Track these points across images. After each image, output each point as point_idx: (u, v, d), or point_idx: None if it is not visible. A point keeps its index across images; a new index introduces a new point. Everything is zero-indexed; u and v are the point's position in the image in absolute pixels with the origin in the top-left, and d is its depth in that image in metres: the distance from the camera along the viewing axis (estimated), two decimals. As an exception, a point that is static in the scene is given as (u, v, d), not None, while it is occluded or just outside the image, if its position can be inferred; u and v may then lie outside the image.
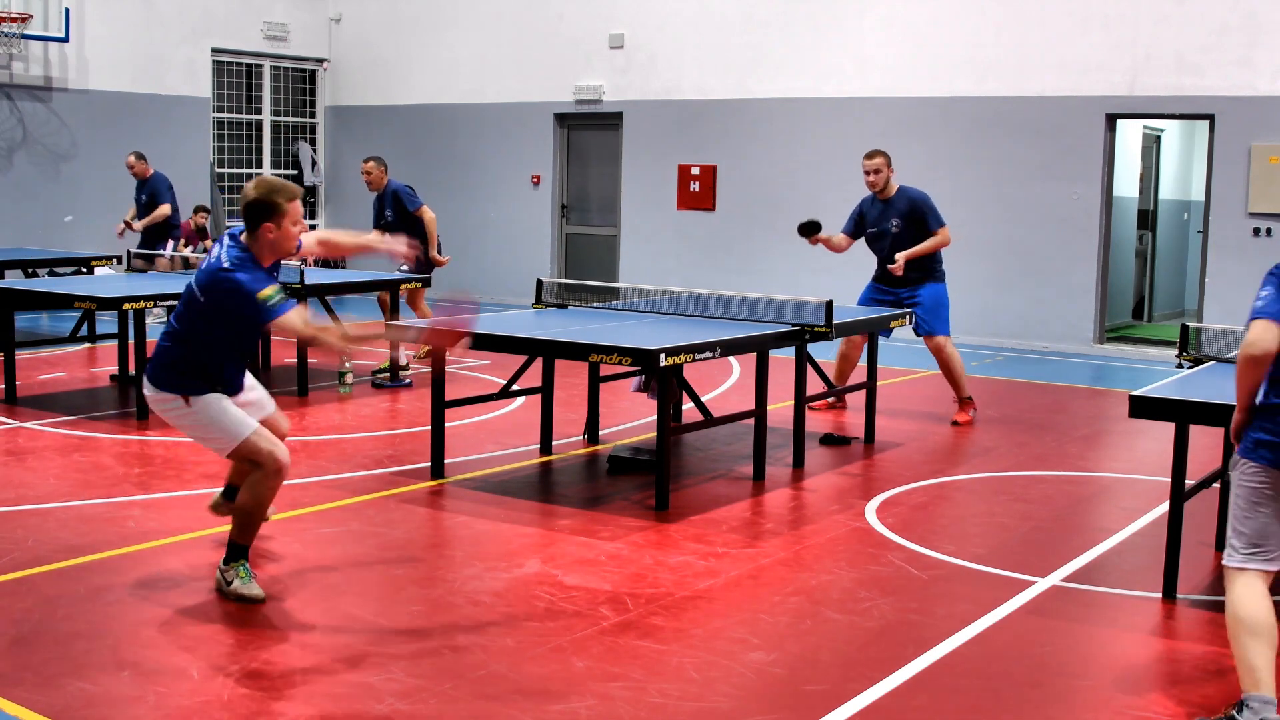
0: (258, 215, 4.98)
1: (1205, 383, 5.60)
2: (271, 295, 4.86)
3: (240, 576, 5.06)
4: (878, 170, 9.02)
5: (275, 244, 5.02)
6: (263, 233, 4.99)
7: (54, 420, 8.41)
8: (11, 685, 4.15)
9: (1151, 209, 16.78)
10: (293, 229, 5.04)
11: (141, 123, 16.17)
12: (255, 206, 4.98)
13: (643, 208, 15.99)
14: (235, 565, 5.09)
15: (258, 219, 4.98)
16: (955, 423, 9.06)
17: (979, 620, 4.98)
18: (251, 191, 5.00)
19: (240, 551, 5.11)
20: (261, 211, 4.98)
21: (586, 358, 6.54)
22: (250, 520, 5.10)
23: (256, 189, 5.00)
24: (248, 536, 5.13)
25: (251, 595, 5.02)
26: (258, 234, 5.00)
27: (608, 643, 4.65)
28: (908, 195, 9.04)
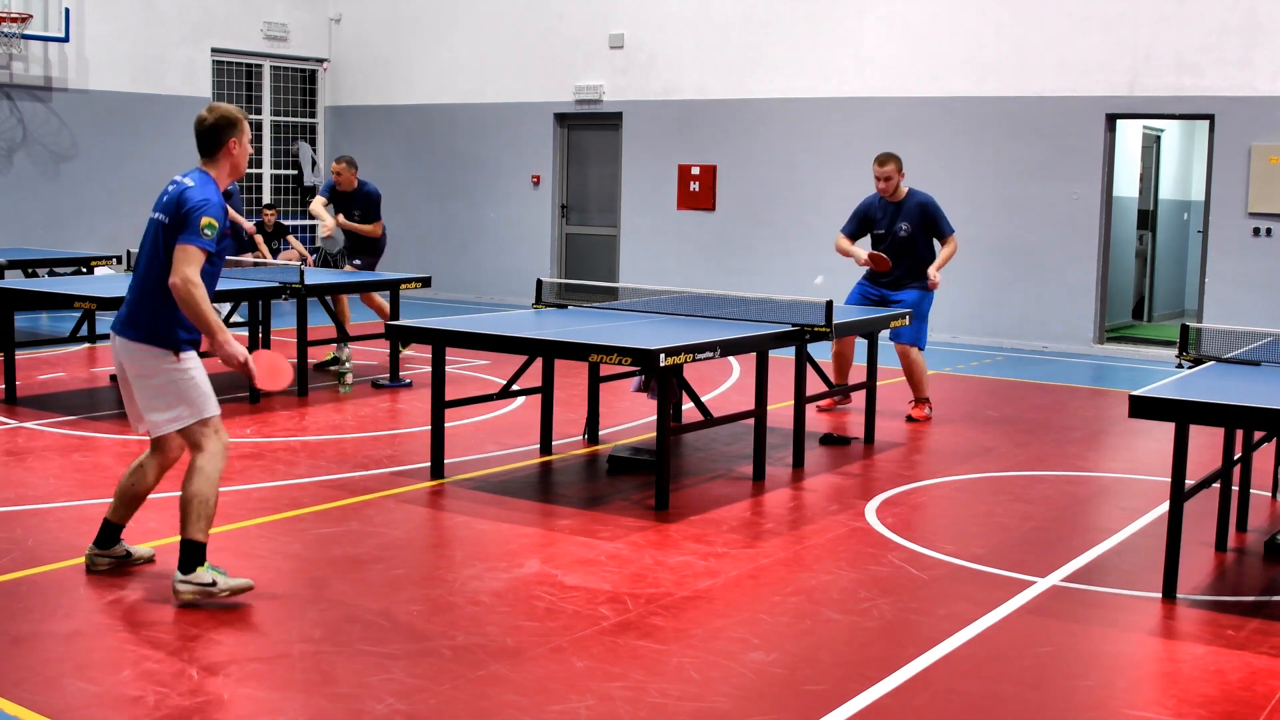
0: (222, 133, 5.10)
1: (1205, 383, 5.60)
2: (204, 229, 4.89)
3: (218, 574, 4.91)
4: (889, 178, 8.96)
5: (238, 160, 5.16)
6: (229, 149, 5.11)
7: (54, 420, 8.41)
8: (13, 685, 4.15)
9: (1151, 209, 16.78)
10: (247, 148, 5.20)
11: (141, 123, 16.18)
12: (219, 126, 5.09)
13: (643, 208, 15.99)
14: (203, 568, 4.90)
15: (223, 136, 5.10)
16: (910, 418, 9.06)
17: (979, 620, 4.98)
18: (209, 115, 5.11)
19: (200, 551, 4.91)
20: (226, 129, 5.10)
21: (586, 358, 6.54)
22: (209, 510, 4.92)
23: (213, 112, 5.12)
24: (205, 531, 4.92)
25: (243, 585, 4.94)
26: (222, 151, 5.11)
27: (607, 643, 4.65)
28: (918, 200, 9.02)
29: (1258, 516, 6.61)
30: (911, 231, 8.96)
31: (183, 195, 4.98)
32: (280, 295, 9.61)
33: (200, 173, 5.11)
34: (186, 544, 4.91)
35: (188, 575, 4.89)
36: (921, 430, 8.85)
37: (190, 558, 4.90)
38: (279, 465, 7.30)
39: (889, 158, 9.01)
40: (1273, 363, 6.18)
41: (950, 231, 9.02)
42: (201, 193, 4.97)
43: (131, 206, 16.06)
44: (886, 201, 9.06)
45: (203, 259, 4.90)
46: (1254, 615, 5.17)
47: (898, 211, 9.01)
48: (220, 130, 5.10)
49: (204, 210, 4.92)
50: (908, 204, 9.01)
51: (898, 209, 9.02)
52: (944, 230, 9.00)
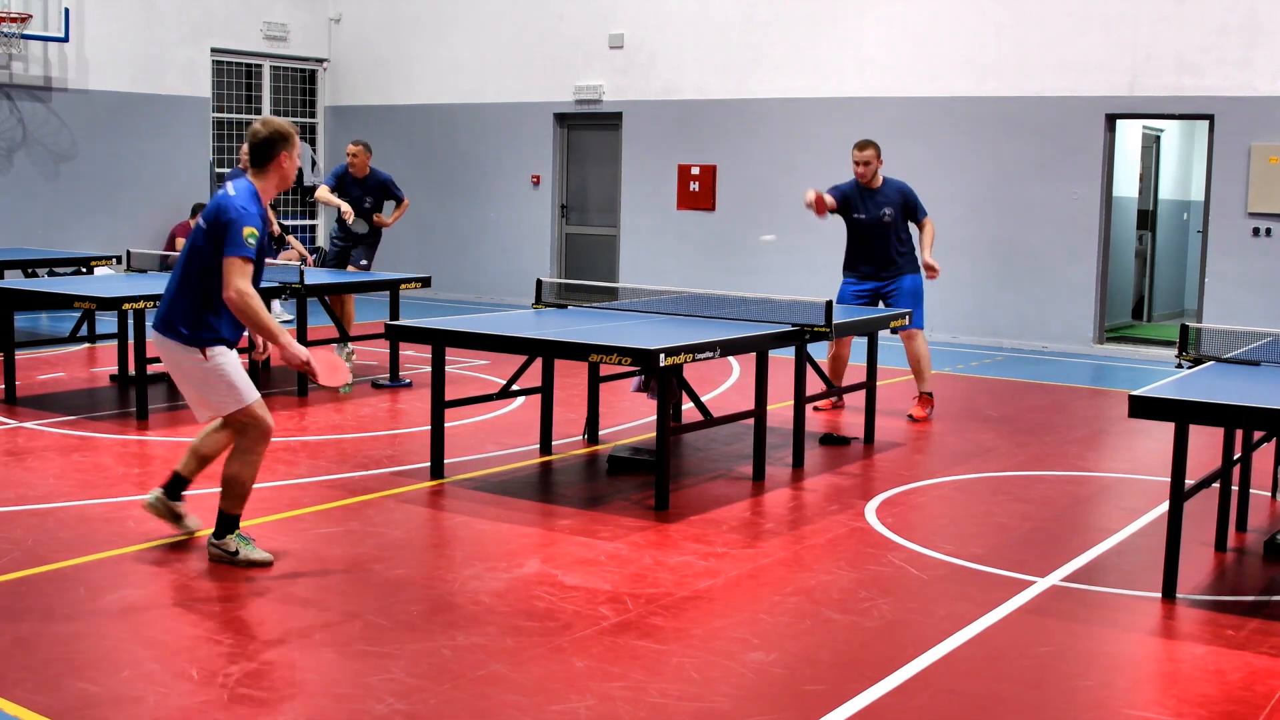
0: (274, 146, 5.35)
1: (1205, 383, 5.60)
2: (247, 239, 5.16)
3: (243, 544, 5.37)
4: (867, 162, 9.11)
5: (287, 173, 5.41)
6: (279, 162, 5.37)
7: (54, 420, 8.41)
8: (12, 686, 4.15)
9: (1151, 209, 16.79)
10: (296, 161, 5.46)
11: (141, 123, 16.18)
12: (271, 139, 5.35)
13: (642, 208, 15.99)
14: (232, 536, 5.37)
15: (274, 150, 5.35)
16: (915, 418, 9.07)
17: (978, 620, 4.98)
18: (263, 129, 5.36)
19: (233, 523, 5.38)
20: (278, 143, 5.35)
21: (586, 358, 6.54)
22: (244, 490, 5.38)
23: (267, 126, 5.37)
24: (240, 506, 5.40)
25: (260, 559, 5.35)
26: (272, 165, 5.37)
27: (607, 643, 4.65)
28: (896, 186, 9.21)
29: (1257, 516, 6.61)
30: (894, 216, 9.11)
31: (223, 205, 5.23)
32: (280, 295, 9.61)
33: (246, 182, 5.35)
34: (221, 514, 5.39)
35: (218, 540, 5.38)
36: (921, 430, 8.86)
37: (222, 526, 5.39)
38: (279, 465, 7.30)
39: (869, 143, 9.17)
40: (1272, 363, 6.18)
41: (925, 214, 9.27)
42: (242, 201, 5.22)
43: (131, 207, 16.09)
44: (864, 189, 9.14)
45: (250, 269, 5.19)
46: (1254, 615, 5.17)
47: (877, 197, 9.13)
48: (273, 144, 5.35)
49: (244, 220, 5.18)
50: (887, 190, 9.16)
51: (876, 195, 9.14)
52: (920, 215, 9.22)
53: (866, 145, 9.14)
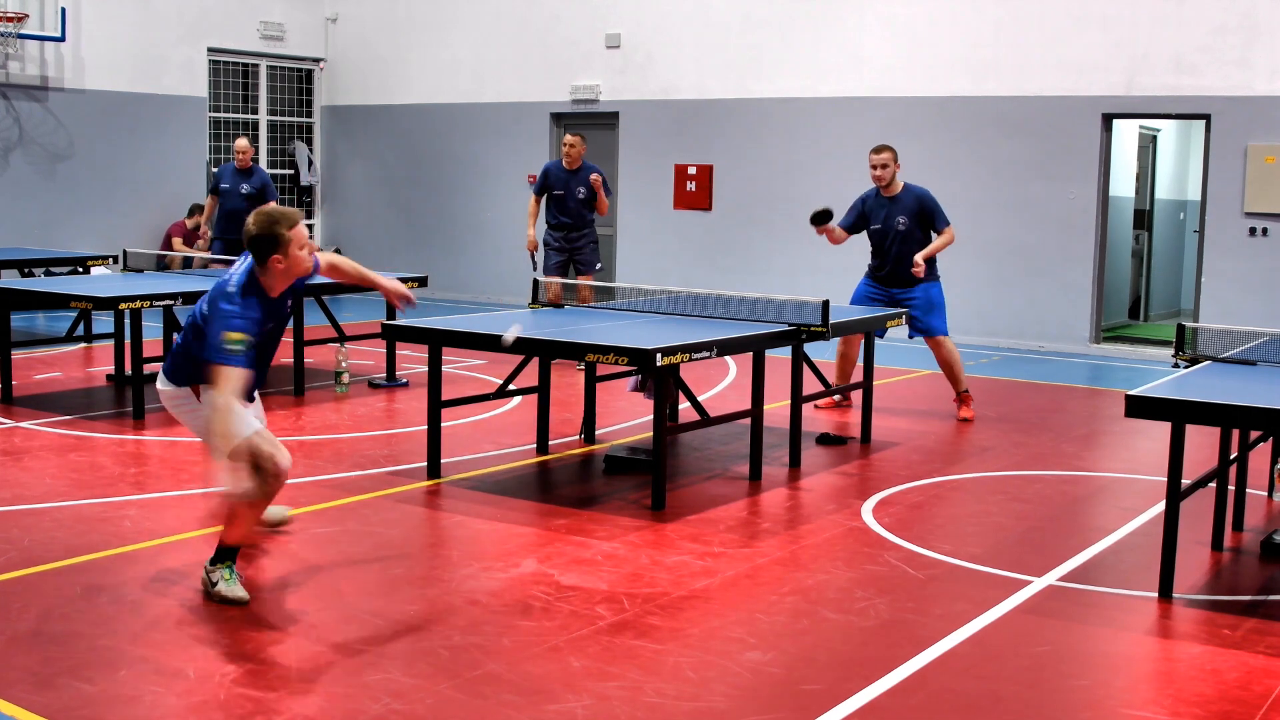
0: (264, 249, 5.00)
1: (1202, 382, 5.61)
2: (235, 342, 4.81)
3: (225, 578, 5.02)
4: (885, 165, 9.00)
5: (287, 272, 5.06)
6: (272, 264, 5.02)
7: (50, 420, 8.40)
8: (8, 685, 4.14)
9: (1148, 209, 16.80)
10: (300, 253, 5.04)
11: (138, 122, 16.16)
12: (259, 241, 4.99)
13: (639, 207, 15.99)
14: (222, 566, 5.04)
15: (265, 252, 5.01)
16: (965, 419, 9.09)
17: (975, 620, 4.99)
18: (253, 227, 5.00)
19: (228, 553, 5.06)
20: (267, 244, 4.99)
21: (583, 357, 6.54)
22: (245, 524, 5.06)
23: (257, 223, 5.00)
24: (238, 538, 5.08)
25: (235, 597, 4.97)
26: (267, 266, 5.03)
27: (604, 642, 4.65)
28: (914, 193, 9.04)
29: (1254, 516, 6.62)
30: (909, 225, 8.97)
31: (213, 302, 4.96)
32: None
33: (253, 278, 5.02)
34: (220, 544, 5.08)
35: (210, 566, 5.08)
36: (919, 430, 8.86)
37: (218, 553, 5.08)
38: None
39: (884, 147, 9.08)
40: (1269, 362, 6.19)
41: (947, 224, 9.05)
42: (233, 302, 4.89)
43: (128, 206, 16.08)
44: (882, 197, 9.06)
45: (237, 376, 4.79)
46: (1250, 615, 5.17)
47: (894, 205, 9.01)
48: (262, 246, 5.00)
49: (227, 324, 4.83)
50: (904, 198, 9.03)
51: (893, 203, 9.02)
52: (940, 223, 9.02)
53: (882, 149, 9.03)
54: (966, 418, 9.13)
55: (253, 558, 5.54)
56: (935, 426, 9.00)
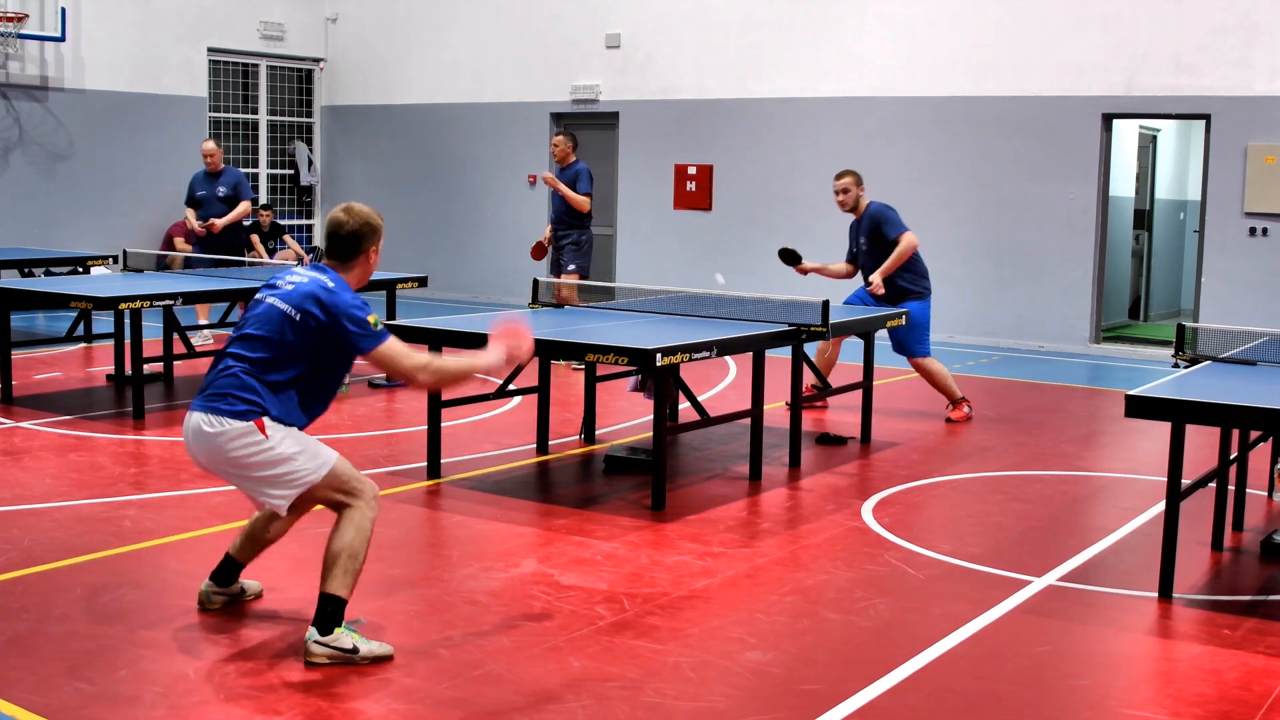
0: (363, 240, 4.67)
1: (1201, 382, 5.61)
2: (376, 322, 4.51)
3: (358, 639, 4.39)
4: (845, 190, 8.99)
5: (370, 268, 4.75)
6: (365, 258, 4.69)
7: (50, 420, 8.40)
8: (8, 685, 4.14)
9: (1148, 209, 16.80)
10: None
11: (138, 122, 16.16)
12: (361, 232, 4.66)
13: (639, 207, 15.99)
14: (341, 631, 4.37)
15: (363, 243, 4.67)
16: (950, 419, 9.09)
17: (975, 620, 4.98)
18: (351, 219, 4.65)
19: (341, 609, 4.39)
20: (368, 236, 4.68)
21: (583, 357, 6.54)
22: (356, 565, 4.43)
23: (354, 216, 4.67)
24: (351, 587, 4.43)
25: (384, 653, 4.42)
26: (359, 259, 4.68)
27: (604, 642, 4.65)
28: (869, 212, 9.00)
29: (1254, 516, 6.62)
30: (869, 244, 8.95)
31: (330, 302, 4.45)
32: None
33: (334, 274, 4.62)
34: (326, 598, 4.38)
35: (325, 637, 4.36)
36: (919, 430, 8.86)
37: (329, 615, 4.37)
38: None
39: (845, 172, 9.05)
40: (1269, 362, 6.19)
41: (898, 232, 8.83)
42: (350, 295, 4.53)
43: (128, 206, 16.08)
44: (856, 220, 9.10)
45: (397, 344, 4.52)
46: (1250, 615, 5.17)
47: (859, 227, 9.07)
48: (362, 237, 4.67)
49: (363, 311, 4.49)
50: (864, 219, 9.02)
51: (859, 226, 9.07)
52: (889, 234, 8.84)
53: (843, 175, 9.02)
54: (953, 418, 9.11)
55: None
56: (935, 426, 9.00)
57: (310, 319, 4.45)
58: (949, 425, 9.02)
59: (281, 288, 4.57)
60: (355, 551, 4.44)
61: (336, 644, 4.34)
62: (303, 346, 4.47)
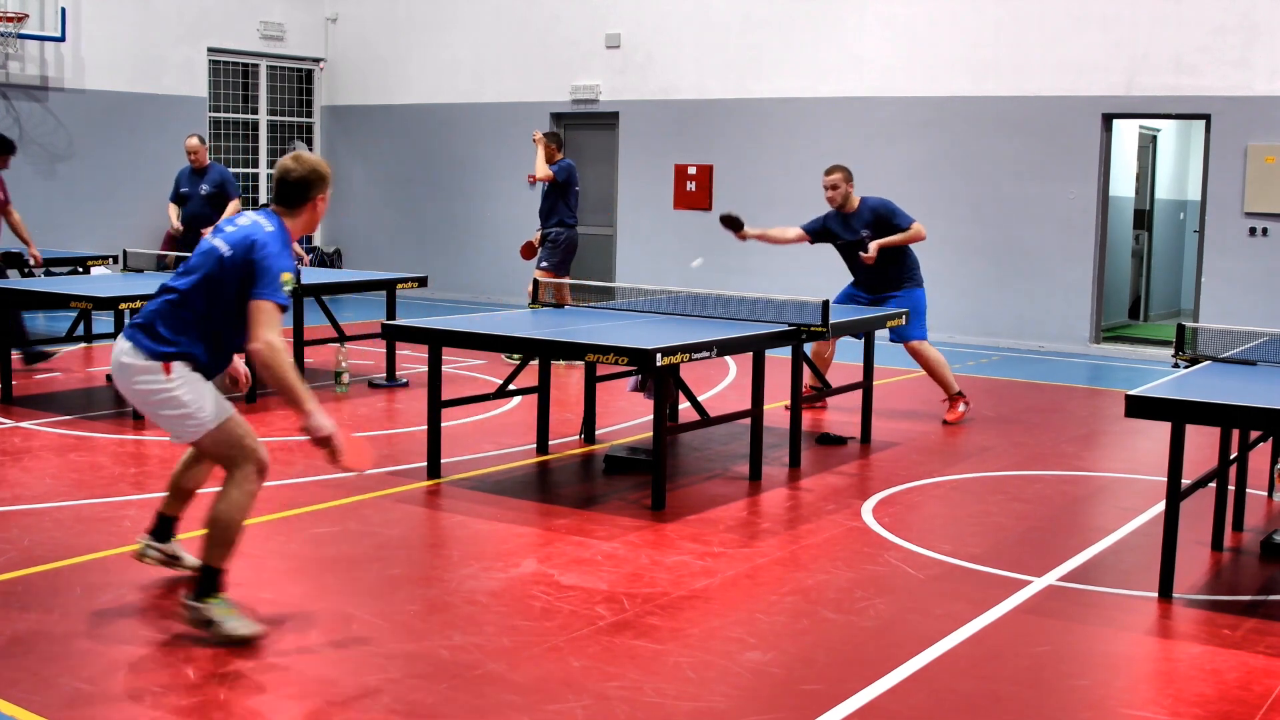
0: (310, 187, 4.77)
1: (1202, 382, 5.61)
2: (283, 285, 4.58)
3: (225, 613, 4.53)
4: (835, 186, 9.03)
5: (318, 218, 4.87)
6: (311, 206, 4.79)
7: (50, 420, 8.40)
8: (8, 685, 4.14)
9: (1148, 209, 16.80)
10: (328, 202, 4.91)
11: (138, 122, 16.16)
12: (309, 179, 4.76)
13: (639, 207, 15.99)
14: (211, 601, 4.52)
15: (310, 190, 4.78)
16: (946, 421, 9.07)
17: (975, 620, 4.98)
18: (299, 166, 4.75)
19: (216, 580, 4.55)
20: (315, 183, 4.78)
21: (583, 357, 6.54)
22: (230, 535, 4.57)
23: (301, 163, 4.77)
24: (226, 557, 4.58)
25: (246, 634, 4.52)
26: (306, 206, 4.78)
27: (604, 642, 4.65)
28: (869, 205, 9.05)
29: (1254, 516, 6.62)
30: (871, 235, 8.96)
31: (258, 240, 4.58)
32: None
33: (277, 219, 4.74)
34: (202, 567, 4.58)
35: (195, 601, 4.54)
36: (918, 430, 8.86)
37: (204, 583, 4.55)
38: (276, 465, 7.26)
39: (835, 168, 9.10)
40: (1269, 362, 6.18)
41: (909, 222, 8.94)
42: (278, 244, 4.62)
43: (128, 206, 16.07)
44: (842, 214, 9.10)
45: (280, 317, 4.58)
46: (1250, 615, 5.17)
47: (854, 219, 9.06)
48: (310, 185, 4.77)
49: (282, 263, 4.59)
50: (861, 211, 9.04)
51: (853, 218, 9.07)
52: (902, 223, 8.94)
53: (832, 170, 9.08)
54: (949, 420, 9.10)
55: (252, 558, 5.54)
56: (935, 426, 9.00)
57: (237, 256, 4.58)
58: (945, 426, 9.00)
59: (225, 230, 4.72)
60: (229, 521, 4.57)
61: (204, 612, 4.53)
62: (224, 284, 4.60)
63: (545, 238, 11.52)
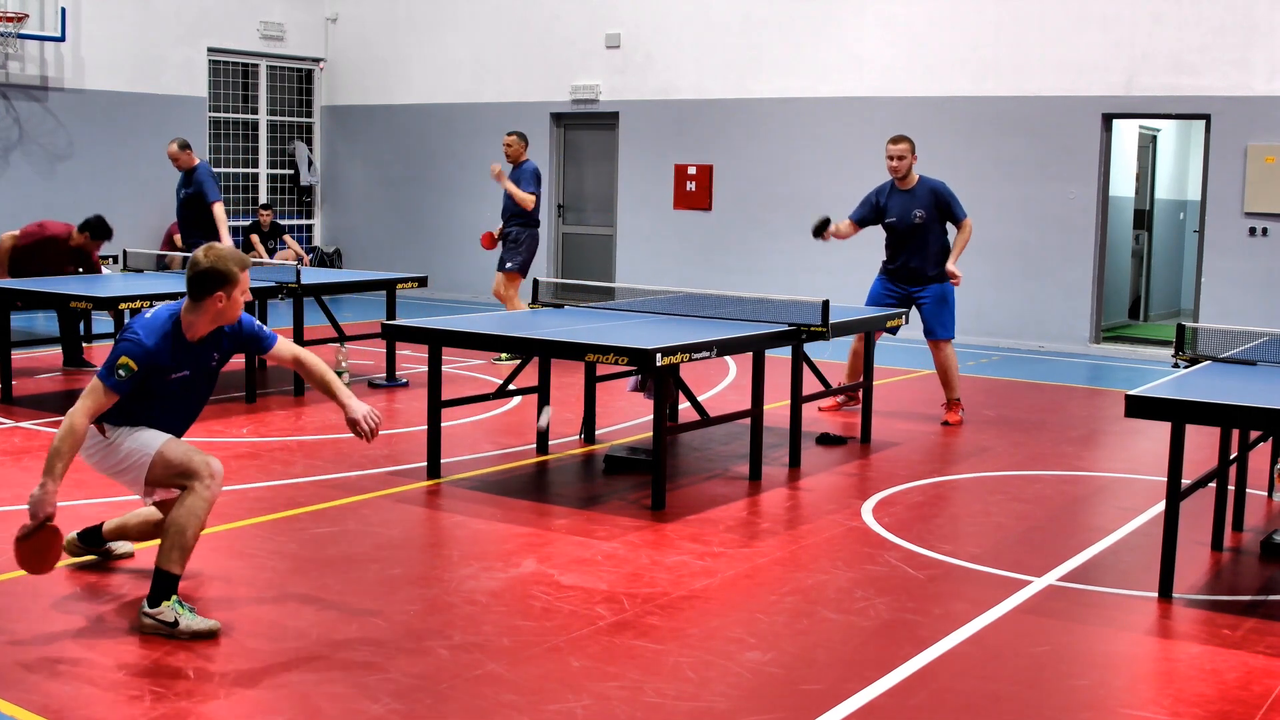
0: (210, 283, 4.70)
1: (1201, 382, 5.61)
2: (119, 369, 4.60)
3: (181, 613, 4.58)
4: (902, 156, 8.90)
5: (222, 313, 4.78)
6: (212, 302, 4.72)
7: (50, 420, 8.40)
8: (7, 685, 4.14)
9: (1148, 209, 16.80)
10: (240, 298, 4.79)
11: (138, 122, 16.16)
12: (208, 275, 4.69)
13: (639, 207, 15.99)
14: (169, 604, 4.59)
15: (210, 287, 4.71)
16: (946, 423, 9.07)
17: (975, 620, 4.98)
18: (204, 259, 4.70)
19: (171, 584, 4.62)
20: (214, 280, 4.70)
21: (583, 357, 6.54)
22: (185, 541, 4.65)
23: (208, 256, 4.70)
24: (181, 562, 4.65)
25: (206, 629, 4.58)
26: (205, 303, 4.73)
27: (604, 642, 4.65)
28: (929, 185, 8.94)
29: (1254, 516, 6.62)
30: (926, 218, 8.87)
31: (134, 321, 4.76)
32: (277, 295, 9.61)
33: (170, 308, 4.79)
34: (157, 572, 4.65)
35: (152, 609, 4.60)
36: (919, 430, 8.85)
37: (158, 588, 4.62)
38: (275, 465, 7.30)
39: (902, 138, 8.98)
40: (1269, 362, 6.18)
41: (964, 215, 8.95)
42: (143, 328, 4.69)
43: (128, 206, 16.05)
44: (897, 189, 8.96)
45: (92, 404, 4.61)
46: (1250, 614, 5.17)
47: (909, 198, 8.93)
48: (209, 280, 4.71)
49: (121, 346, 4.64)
50: (919, 190, 8.92)
51: (909, 196, 8.93)
52: (958, 214, 8.91)
53: (900, 139, 8.95)
54: (949, 421, 9.08)
55: (252, 558, 5.54)
56: (935, 426, 9.00)
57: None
58: (944, 427, 9.00)
59: None
60: (183, 528, 4.67)
61: (159, 616, 4.59)
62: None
63: (506, 237, 11.55)
